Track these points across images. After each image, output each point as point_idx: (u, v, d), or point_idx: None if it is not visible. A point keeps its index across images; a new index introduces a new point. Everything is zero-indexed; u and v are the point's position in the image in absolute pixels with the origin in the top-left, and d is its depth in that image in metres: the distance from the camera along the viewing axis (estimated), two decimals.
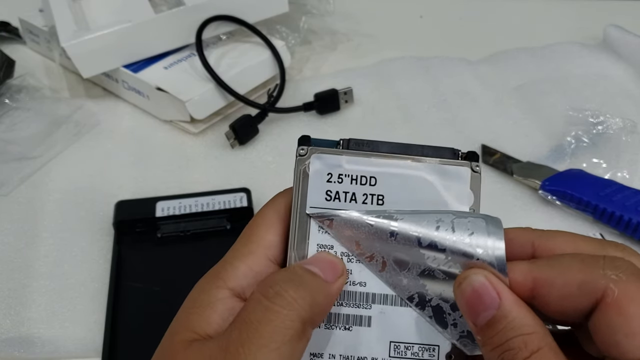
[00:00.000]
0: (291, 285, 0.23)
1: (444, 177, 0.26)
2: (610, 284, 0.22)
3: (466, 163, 0.26)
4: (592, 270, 0.22)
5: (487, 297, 0.22)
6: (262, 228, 0.27)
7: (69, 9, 0.60)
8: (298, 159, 0.27)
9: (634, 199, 0.48)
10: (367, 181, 0.26)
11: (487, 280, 0.23)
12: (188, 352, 0.23)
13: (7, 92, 0.60)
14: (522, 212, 0.50)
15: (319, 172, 0.26)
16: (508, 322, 0.22)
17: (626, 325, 0.21)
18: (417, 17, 0.78)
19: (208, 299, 0.25)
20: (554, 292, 0.23)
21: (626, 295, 0.21)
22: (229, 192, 0.49)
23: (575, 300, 0.22)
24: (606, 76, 0.65)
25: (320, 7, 0.70)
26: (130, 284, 0.44)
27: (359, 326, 0.26)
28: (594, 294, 0.22)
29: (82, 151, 0.56)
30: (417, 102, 0.62)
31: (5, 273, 0.45)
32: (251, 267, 0.25)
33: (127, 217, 0.47)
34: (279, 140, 0.57)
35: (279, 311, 0.22)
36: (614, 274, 0.22)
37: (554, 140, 0.57)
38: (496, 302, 0.22)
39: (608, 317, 0.22)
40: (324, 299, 0.24)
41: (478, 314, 0.23)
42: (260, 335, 0.22)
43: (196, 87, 0.57)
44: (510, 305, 0.22)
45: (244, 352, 0.22)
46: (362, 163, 0.26)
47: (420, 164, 0.26)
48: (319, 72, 0.67)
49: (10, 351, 0.40)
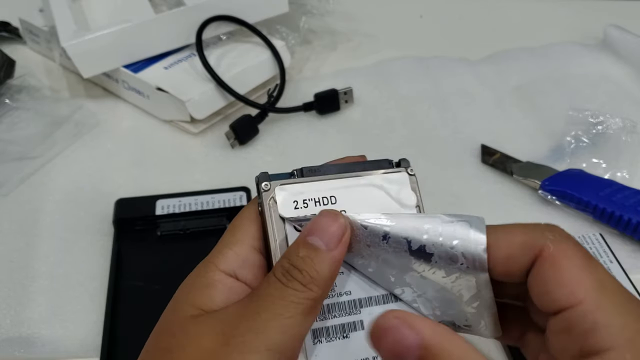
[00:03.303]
0: (299, 267, 0.25)
1: (388, 184, 0.30)
2: (548, 242, 0.25)
3: (402, 169, 0.31)
4: (532, 233, 0.26)
5: (405, 341, 0.22)
6: (246, 222, 0.29)
7: (69, 9, 0.60)
8: (264, 193, 0.29)
9: (633, 199, 0.48)
10: (329, 200, 0.29)
11: (398, 319, 0.23)
12: (199, 323, 0.25)
13: (7, 92, 0.60)
14: (522, 212, 0.50)
15: (286, 200, 0.29)
16: (435, 355, 0.22)
17: (558, 276, 0.24)
18: (417, 17, 0.78)
19: (206, 280, 0.27)
20: (500, 253, 0.26)
21: (559, 251, 0.25)
22: (228, 191, 0.49)
23: (518, 259, 0.25)
24: (606, 76, 0.65)
25: (320, 7, 0.71)
26: (130, 282, 0.43)
27: (354, 331, 0.28)
28: (533, 250, 0.25)
29: (82, 151, 0.56)
30: (417, 102, 0.62)
31: (5, 273, 0.45)
32: (238, 253, 0.28)
33: (127, 215, 0.47)
34: (279, 140, 0.57)
35: (292, 293, 0.25)
36: (551, 235, 0.25)
37: (554, 140, 0.57)
38: (416, 340, 0.22)
39: (543, 270, 0.25)
40: (329, 271, 0.26)
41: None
42: (275, 307, 0.25)
43: (196, 87, 0.57)
44: (430, 336, 0.22)
45: (260, 318, 0.24)
46: (320, 187, 0.29)
47: (368, 177, 0.30)
48: (319, 72, 0.67)
49: (10, 351, 0.40)
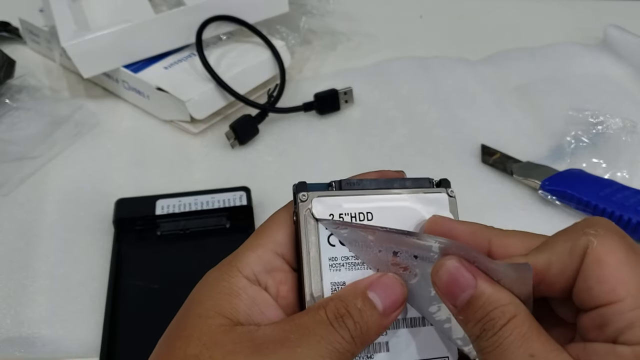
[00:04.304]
0: (355, 318, 0.25)
1: (426, 205, 0.29)
2: (590, 238, 0.24)
3: (443, 190, 0.30)
4: (574, 235, 0.25)
5: (463, 279, 0.24)
6: (273, 227, 0.29)
7: (69, 9, 0.60)
8: (300, 204, 0.28)
9: (633, 199, 0.48)
10: (365, 217, 0.29)
11: (461, 264, 0.25)
12: (232, 338, 0.25)
13: (7, 92, 0.60)
14: (522, 212, 0.50)
15: (322, 213, 0.28)
16: (486, 298, 0.24)
17: (600, 272, 0.24)
18: (417, 17, 0.78)
19: (230, 287, 0.27)
20: (553, 271, 0.25)
21: (603, 246, 0.24)
22: (228, 191, 0.49)
23: (569, 268, 0.25)
24: (606, 76, 0.65)
25: (320, 7, 0.71)
26: (130, 282, 0.44)
27: (379, 353, 0.28)
28: (580, 252, 0.24)
29: (82, 151, 0.56)
30: (417, 102, 0.62)
31: (5, 273, 0.45)
32: (260, 257, 0.28)
33: (127, 215, 0.47)
34: (279, 140, 0.57)
35: (339, 341, 0.25)
36: (593, 229, 0.24)
37: (554, 140, 0.57)
38: (473, 283, 0.24)
39: (586, 267, 0.24)
40: (375, 334, 0.26)
41: (457, 296, 0.25)
42: (319, 348, 0.24)
43: (196, 87, 0.57)
44: (485, 283, 0.24)
45: (300, 353, 0.24)
46: (358, 201, 0.29)
47: (406, 196, 0.29)
48: (319, 72, 0.67)
49: (10, 351, 0.40)
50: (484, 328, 0.24)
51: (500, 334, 0.23)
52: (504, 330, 0.23)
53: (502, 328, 0.23)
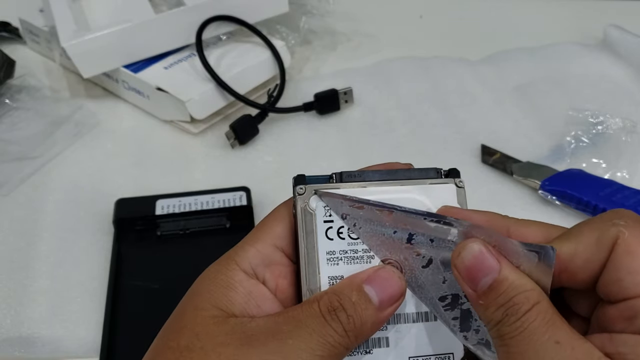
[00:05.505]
0: (348, 311, 0.25)
1: (432, 196, 0.28)
2: (621, 228, 0.24)
3: (450, 180, 0.29)
4: (602, 225, 0.24)
5: (488, 262, 0.24)
6: (273, 221, 0.29)
7: (69, 9, 0.60)
8: (298, 197, 0.27)
9: (633, 199, 0.48)
10: None
11: (485, 248, 0.24)
12: (224, 328, 0.25)
13: (7, 92, 0.60)
14: (522, 212, 0.50)
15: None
16: (510, 283, 0.24)
17: (632, 263, 0.23)
18: (417, 17, 0.78)
19: (227, 279, 0.27)
20: (579, 262, 0.24)
21: (635, 237, 0.24)
22: (228, 191, 0.49)
23: (596, 258, 0.24)
24: (606, 76, 0.65)
25: (320, 7, 0.71)
26: (130, 282, 0.44)
27: (378, 348, 0.27)
28: (609, 242, 0.24)
29: (82, 151, 0.56)
30: (417, 102, 0.62)
31: (5, 273, 0.45)
32: (259, 250, 0.28)
33: (127, 215, 0.47)
34: (279, 140, 0.57)
35: (331, 334, 0.25)
36: (622, 221, 0.24)
37: (554, 140, 0.57)
38: (497, 267, 0.24)
39: (616, 258, 0.24)
40: (370, 329, 0.26)
41: (478, 280, 0.24)
42: (311, 340, 0.24)
43: (196, 87, 0.57)
44: (509, 269, 0.24)
45: (291, 345, 0.24)
46: (359, 193, 0.28)
47: (411, 187, 0.28)
48: (319, 72, 0.67)
49: (10, 351, 0.40)
50: (506, 313, 0.23)
51: (524, 319, 0.23)
52: (528, 316, 0.23)
53: (526, 313, 0.23)
